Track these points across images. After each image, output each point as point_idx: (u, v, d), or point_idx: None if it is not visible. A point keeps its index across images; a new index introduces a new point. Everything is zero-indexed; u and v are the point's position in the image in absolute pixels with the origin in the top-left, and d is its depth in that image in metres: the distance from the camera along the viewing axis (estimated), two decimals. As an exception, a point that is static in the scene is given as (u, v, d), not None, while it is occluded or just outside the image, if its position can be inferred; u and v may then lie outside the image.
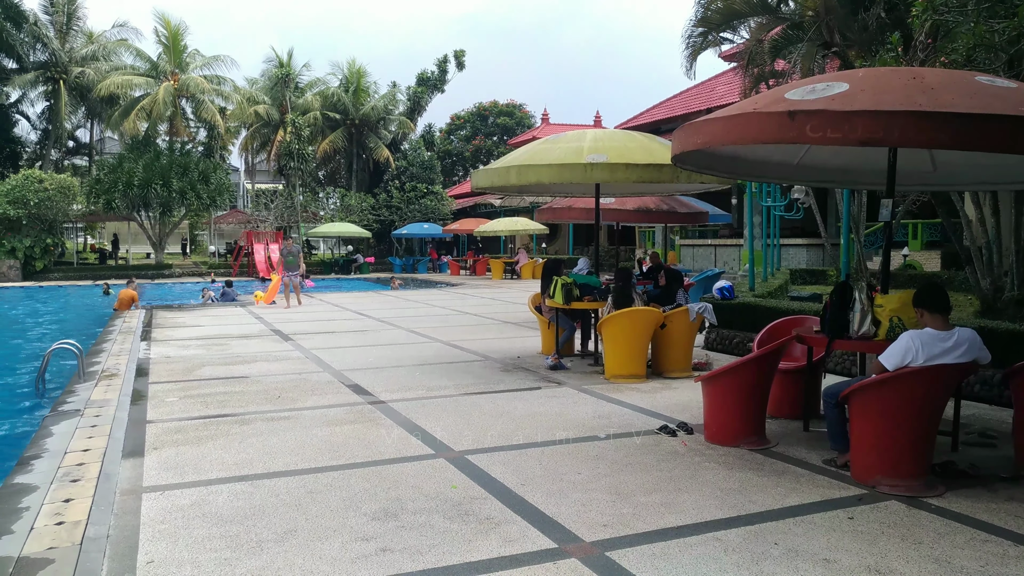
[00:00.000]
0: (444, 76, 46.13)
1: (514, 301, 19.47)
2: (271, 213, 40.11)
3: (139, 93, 40.56)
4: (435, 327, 13.95)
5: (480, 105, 57.69)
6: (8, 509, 4.32)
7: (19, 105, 45.31)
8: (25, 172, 34.19)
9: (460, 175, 57.80)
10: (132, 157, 35.48)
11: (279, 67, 44.37)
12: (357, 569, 3.74)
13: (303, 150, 39.14)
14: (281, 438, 6.11)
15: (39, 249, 33.27)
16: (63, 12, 42.66)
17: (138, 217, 36.33)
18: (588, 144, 8.16)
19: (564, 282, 8.93)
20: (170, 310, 17.87)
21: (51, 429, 6.28)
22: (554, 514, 4.45)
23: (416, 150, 44.24)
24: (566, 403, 7.37)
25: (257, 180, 53.88)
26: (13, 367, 11.97)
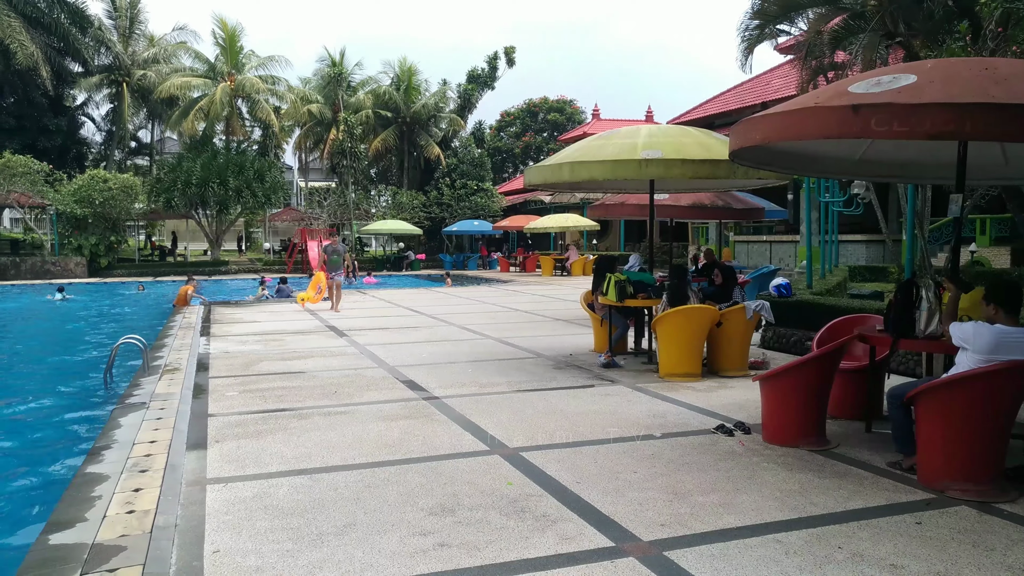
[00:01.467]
0: (494, 73, 46.23)
1: (565, 298, 19.42)
2: (324, 211, 40.72)
3: (197, 94, 41.57)
4: (486, 324, 14.01)
5: (530, 101, 57.63)
6: (82, 497, 4.48)
7: (85, 107, 46.99)
8: (90, 172, 35.33)
9: (510, 172, 57.86)
10: (190, 156, 36.38)
11: (332, 66, 45.00)
12: (416, 563, 3.77)
13: (355, 148, 39.65)
14: (338, 433, 6.20)
15: (103, 247, 34.35)
16: (126, 16, 44.03)
17: (196, 215, 37.23)
18: (642, 140, 8.07)
19: (618, 279, 8.86)
20: (227, 306, 18.29)
21: (119, 421, 6.48)
22: (611, 512, 4.43)
23: (466, 147, 44.44)
24: (620, 401, 7.32)
25: (310, 178, 54.80)
26: (83, 360, 12.39)
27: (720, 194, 12.17)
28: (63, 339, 15.64)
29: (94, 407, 8.55)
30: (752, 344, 9.17)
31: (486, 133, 55.89)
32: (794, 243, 22.11)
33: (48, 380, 10.74)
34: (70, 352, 13.49)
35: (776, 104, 5.67)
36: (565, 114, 56.14)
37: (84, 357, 12.66)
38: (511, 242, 43.66)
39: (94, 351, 12.98)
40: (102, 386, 9.27)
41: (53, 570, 3.51)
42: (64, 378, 10.85)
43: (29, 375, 11.29)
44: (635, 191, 10.92)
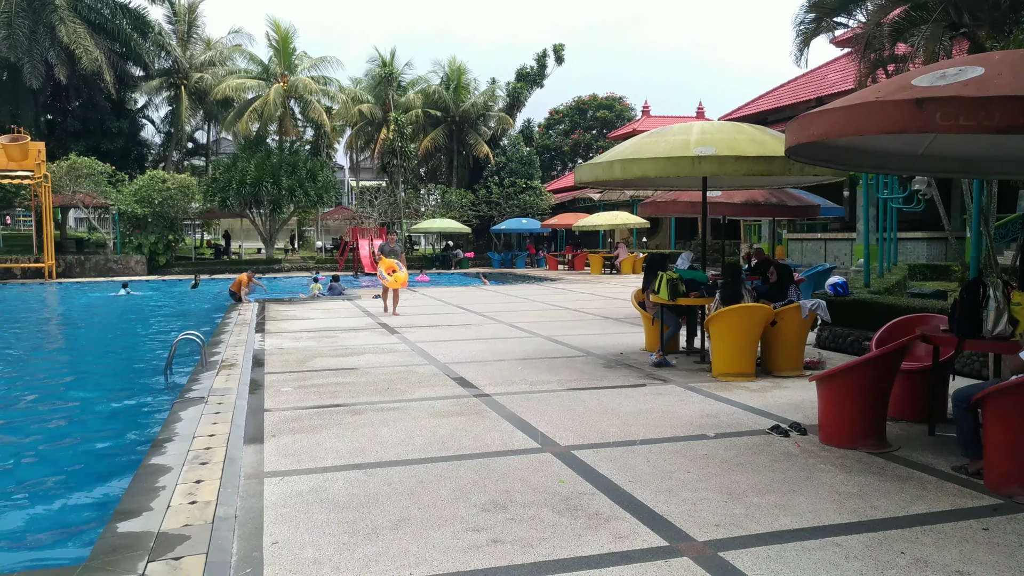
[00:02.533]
0: (543, 71, 46.17)
1: (614, 296, 19.32)
2: (375, 210, 41.21)
3: (251, 95, 42.44)
4: (535, 322, 14.01)
5: (579, 99, 57.46)
6: (147, 487, 4.62)
7: (145, 110, 48.43)
8: (150, 173, 36.36)
9: (559, 170, 57.77)
10: (245, 157, 37.15)
11: (382, 67, 45.47)
12: (470, 559, 3.80)
13: (405, 147, 40.03)
14: (391, 428, 6.28)
15: (162, 245, 35.34)
16: (184, 21, 45.23)
17: (250, 214, 38.01)
18: (695, 137, 7.98)
19: (670, 277, 8.78)
20: (281, 303, 18.64)
21: (180, 414, 6.67)
22: (664, 512, 4.40)
23: (515, 145, 44.51)
24: (672, 401, 7.26)
25: (361, 177, 55.46)
26: (145, 354, 12.77)
27: (774, 191, 11.96)
28: (127, 333, 16.13)
29: (156, 400, 8.80)
30: (807, 344, 9.00)
31: (535, 131, 55.89)
32: (850, 241, 21.60)
33: (114, 372, 11.09)
34: (133, 346, 13.91)
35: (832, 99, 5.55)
36: (614, 111, 55.85)
37: (146, 350, 13.04)
38: (559, 240, 43.60)
39: (155, 344, 13.36)
40: (163, 379, 9.53)
41: (122, 556, 3.63)
42: (128, 370, 11.20)
43: (97, 367, 11.67)
44: (687, 188, 10.80)
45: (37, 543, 4.97)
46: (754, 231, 28.45)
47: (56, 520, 5.38)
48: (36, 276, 31.96)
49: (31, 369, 11.85)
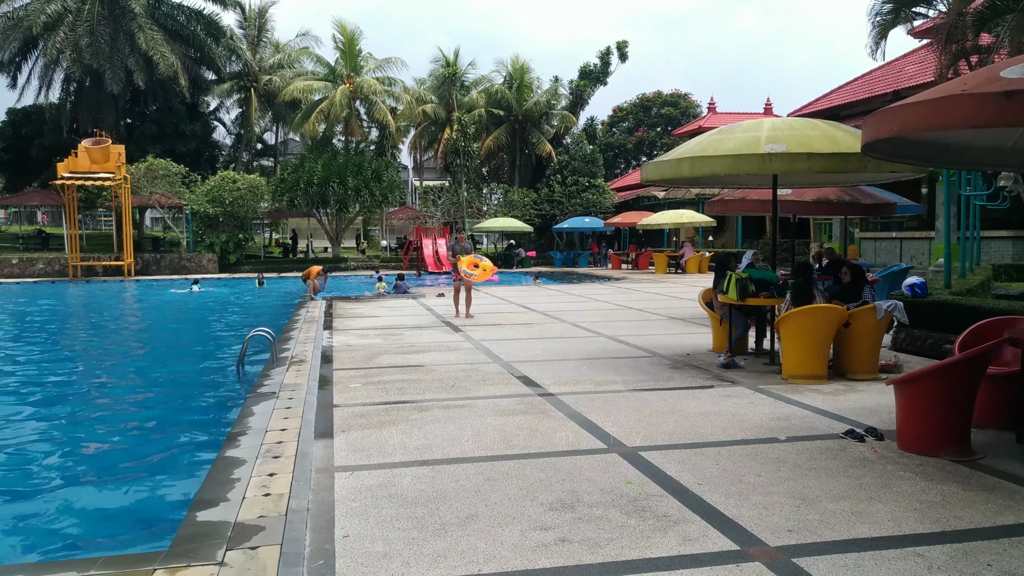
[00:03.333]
0: (606, 68, 45.89)
1: (680, 296, 19.07)
2: (438, 209, 41.61)
3: (318, 97, 43.31)
4: (599, 322, 13.93)
5: (643, 96, 56.94)
6: (223, 479, 4.76)
7: (217, 112, 50.03)
8: (221, 174, 37.47)
9: (622, 168, 57.35)
10: (312, 157, 37.94)
11: (446, 67, 45.87)
12: (538, 557, 3.79)
13: (468, 147, 40.29)
14: (457, 426, 6.32)
15: (233, 244, 36.38)
16: (254, 26, 46.52)
17: (317, 213, 38.80)
18: (766, 133, 7.79)
19: (739, 277, 8.61)
20: (348, 301, 18.96)
21: (252, 409, 6.84)
22: (734, 515, 4.32)
23: (578, 144, 44.35)
24: (741, 403, 7.12)
25: (424, 177, 56.08)
26: (218, 349, 13.17)
27: (847, 189, 11.60)
28: (201, 328, 16.66)
29: (229, 395, 9.06)
30: (883, 346, 8.71)
31: (598, 129, 55.61)
32: (928, 240, 20.83)
33: (189, 367, 11.46)
34: (207, 341, 14.36)
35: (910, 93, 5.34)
36: (679, 108, 55.16)
37: (218, 346, 13.45)
38: (623, 239, 43.25)
39: (227, 340, 13.77)
40: (236, 374, 9.81)
41: (202, 544, 3.74)
42: (203, 365, 11.55)
43: (174, 361, 12.08)
44: (756, 186, 10.56)
45: (120, 529, 5.17)
46: (824, 230, 27.72)
47: (137, 508, 5.58)
48: (116, 274, 33.29)
49: (113, 363, 12.34)
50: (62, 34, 37.57)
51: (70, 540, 4.99)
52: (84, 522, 5.29)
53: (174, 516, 4.73)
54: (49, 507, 5.56)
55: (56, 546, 4.86)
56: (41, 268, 33.35)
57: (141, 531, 5.10)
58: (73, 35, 37.68)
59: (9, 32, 38.62)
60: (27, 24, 38.03)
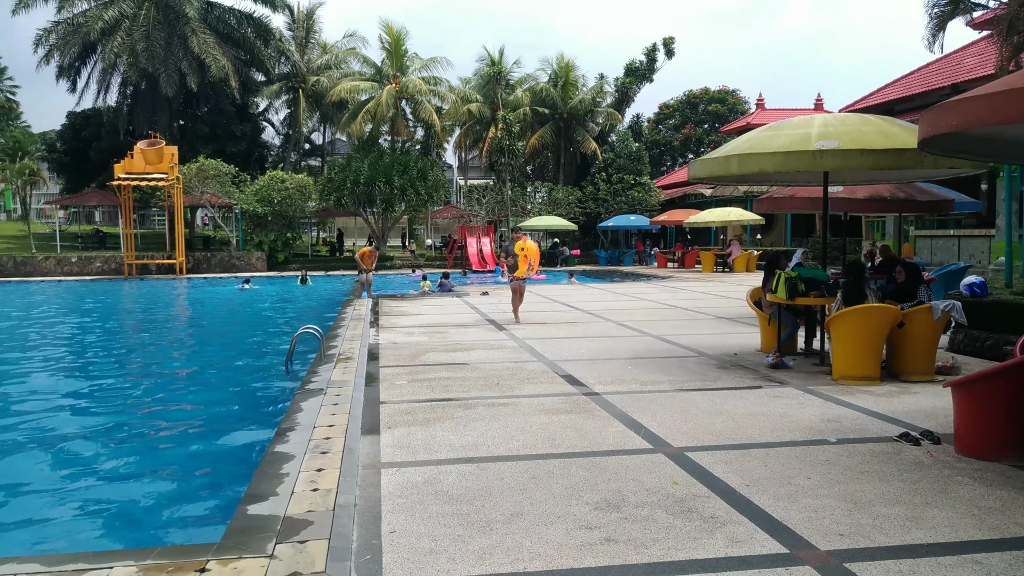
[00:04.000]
0: (652, 65, 45.50)
1: (727, 295, 18.82)
2: (482, 208, 41.73)
3: (365, 97, 43.75)
4: (645, 320, 13.82)
5: (690, 93, 56.31)
6: (272, 473, 4.84)
7: (266, 113, 50.91)
8: (270, 174, 38.14)
9: (668, 165, 56.82)
10: (358, 157, 38.34)
11: (491, 66, 45.95)
12: (583, 556, 3.78)
13: (513, 146, 40.30)
14: (502, 424, 6.33)
15: (281, 242, 37.01)
16: (303, 27, 47.22)
17: (363, 213, 39.22)
18: (817, 130, 7.64)
19: (788, 276, 8.46)
20: (393, 299, 19.15)
21: (300, 405, 6.94)
22: (783, 518, 4.24)
23: (623, 141, 44.05)
24: (790, 404, 6.99)
25: (469, 176, 56.33)
26: (266, 344, 13.41)
27: (902, 185, 11.31)
28: (251, 325, 16.99)
29: (278, 391, 9.22)
30: (939, 347, 8.47)
31: (644, 126, 55.16)
32: (988, 238, 20.17)
33: (239, 362, 11.69)
34: (255, 337, 14.64)
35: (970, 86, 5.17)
36: (727, 105, 54.43)
37: (266, 342, 13.69)
38: (669, 237, 42.84)
39: (275, 336, 14.01)
40: (284, 370, 9.97)
41: (252, 537, 3.81)
42: (252, 361, 11.77)
43: (225, 357, 12.34)
44: (806, 183, 10.37)
45: (173, 520, 5.30)
46: (877, 228, 27.06)
47: (189, 500, 5.71)
48: (168, 272, 34.15)
49: (167, 359, 12.66)
50: (119, 39, 38.64)
51: (127, 530, 5.14)
52: (140, 513, 5.44)
53: (224, 509, 4.84)
54: (107, 498, 5.73)
55: (114, 536, 5.01)
56: (98, 266, 34.37)
57: (193, 523, 5.22)
58: (130, 40, 38.73)
59: (69, 38, 39.87)
60: (86, 30, 39.21)
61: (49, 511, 5.50)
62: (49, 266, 33.76)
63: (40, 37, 40.61)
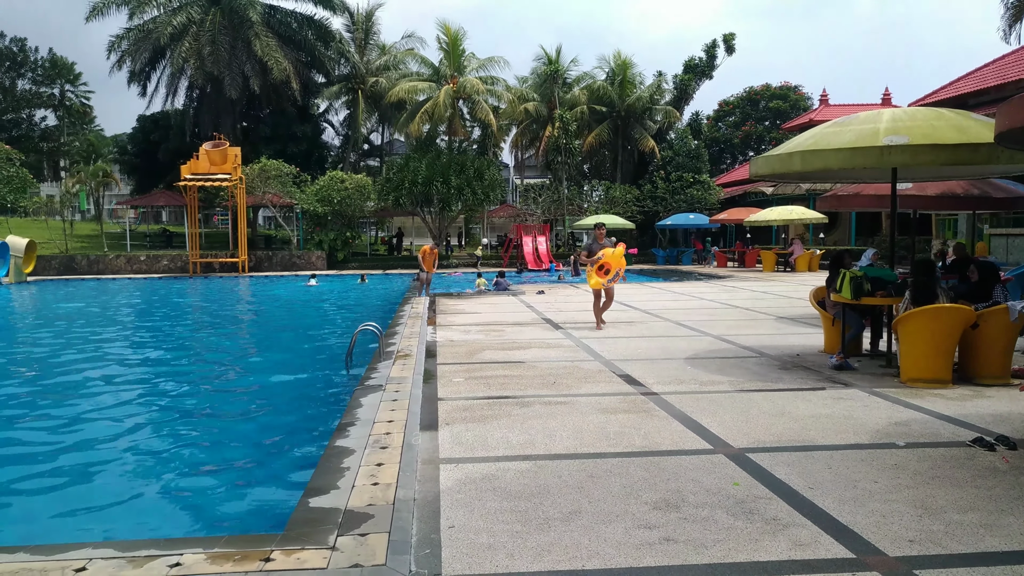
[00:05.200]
0: (712, 62, 44.84)
1: (788, 295, 18.43)
2: (538, 207, 41.72)
3: (422, 98, 44.17)
4: (704, 320, 13.63)
5: (751, 89, 55.33)
6: (334, 467, 4.92)
7: (326, 114, 51.91)
8: (330, 174, 38.82)
9: (728, 163, 55.94)
10: (416, 157, 38.74)
11: (548, 64, 45.91)
12: (642, 555, 3.75)
13: (570, 144, 40.19)
14: (559, 422, 6.32)
15: (340, 241, 37.64)
16: (362, 29, 47.95)
17: (421, 212, 39.61)
18: (885, 125, 7.41)
19: (854, 275, 8.23)
20: (450, 298, 19.28)
21: (360, 401, 7.03)
22: (849, 522, 4.14)
23: (682, 139, 43.52)
24: (855, 406, 6.81)
25: (525, 175, 56.41)
26: (326, 343, 13.66)
27: (976, 182, 10.90)
28: (312, 322, 17.32)
29: (338, 386, 9.38)
30: (1016, 350, 8.14)
31: (703, 124, 54.41)
32: (1066, 236, 19.33)
33: (301, 358, 11.94)
34: (317, 334, 14.92)
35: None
36: (789, 101, 53.30)
37: (327, 338, 13.95)
38: (728, 236, 42.13)
39: (335, 333, 14.27)
40: (344, 366, 10.13)
41: (314, 529, 3.88)
42: (313, 357, 12.01)
43: (288, 353, 12.62)
44: (872, 180, 10.07)
45: (235, 511, 5.44)
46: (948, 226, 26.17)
47: (250, 491, 5.85)
48: (231, 270, 35.07)
49: (232, 352, 13.00)
50: (187, 44, 39.88)
51: (191, 518, 5.29)
52: (204, 502, 5.60)
53: (287, 500, 4.94)
54: (173, 486, 5.92)
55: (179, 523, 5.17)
56: (165, 264, 35.50)
57: (256, 513, 5.35)
58: (197, 44, 39.93)
59: (140, 43, 41.32)
60: (156, 35, 40.57)
61: (119, 498, 5.70)
62: (120, 264, 35.00)
63: (113, 43, 42.25)
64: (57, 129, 67.51)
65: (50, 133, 66.82)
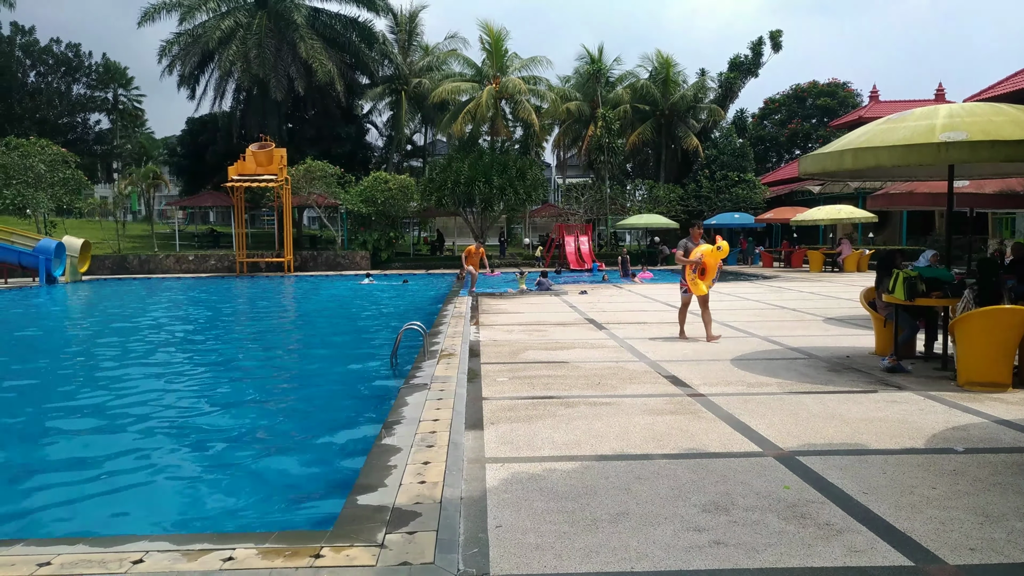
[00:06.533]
0: (758, 59, 44.18)
1: (837, 296, 18.06)
2: (581, 206, 41.57)
3: (465, 98, 44.29)
4: (750, 321, 13.43)
5: (797, 87, 54.38)
6: (381, 465, 4.95)
7: (370, 115, 52.39)
8: (374, 174, 39.15)
9: (774, 162, 55.09)
10: (459, 157, 38.86)
11: (590, 63, 45.71)
12: (691, 558, 3.70)
13: (613, 143, 39.97)
14: (605, 423, 6.27)
15: (384, 241, 37.97)
16: (405, 30, 48.32)
17: (463, 212, 39.75)
18: (942, 121, 7.21)
19: (907, 275, 8.02)
20: (492, 297, 19.31)
21: (406, 400, 7.08)
22: (906, 529, 4.03)
23: (727, 137, 42.96)
24: (910, 410, 6.63)
25: (567, 174, 56.24)
26: (373, 341, 13.79)
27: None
28: (356, 320, 17.50)
29: (383, 384, 9.45)
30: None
31: (748, 122, 53.66)
32: None
33: (349, 356, 12.06)
34: (362, 332, 15.08)
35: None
36: (837, 98, 52.26)
37: (373, 336, 14.07)
38: (774, 235, 41.46)
39: (379, 330, 14.40)
40: (389, 365, 10.21)
41: (363, 526, 3.91)
42: (360, 355, 12.12)
43: (336, 351, 12.76)
44: (927, 178, 9.82)
45: (287, 505, 5.50)
46: (1006, 225, 25.39)
47: (297, 487, 5.91)
48: (277, 270, 35.60)
49: (281, 349, 13.20)
50: (234, 47, 40.64)
51: (238, 512, 5.37)
52: (251, 497, 5.67)
53: (335, 497, 4.99)
54: (222, 482, 6.02)
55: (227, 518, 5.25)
56: (213, 264, 36.20)
57: (304, 509, 5.41)
58: (243, 48, 40.67)
59: (190, 48, 42.26)
60: (204, 40, 41.44)
61: (171, 491, 5.82)
62: (169, 264, 35.80)
63: (164, 48, 43.30)
64: (110, 132, 69.36)
65: (103, 136, 68.67)
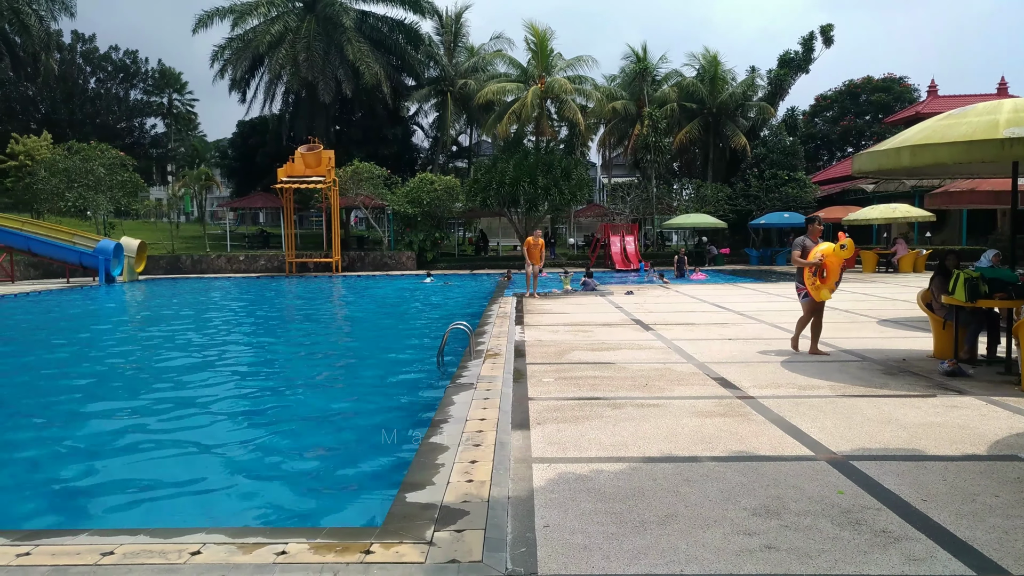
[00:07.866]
0: (809, 55, 43.30)
1: (891, 297, 17.63)
2: (626, 206, 41.28)
3: (510, 99, 44.29)
4: (800, 322, 13.15)
5: (850, 82, 53.22)
6: (428, 463, 4.99)
7: (416, 117, 52.81)
8: (420, 175, 39.45)
9: (825, 160, 54.00)
10: (504, 158, 38.88)
11: (636, 62, 45.37)
12: (743, 562, 3.64)
13: (659, 142, 39.60)
14: (652, 424, 6.21)
15: (429, 242, 38.21)
16: (450, 32, 48.57)
17: (508, 212, 39.78)
18: (1006, 116, 6.97)
19: (968, 276, 7.78)
20: (536, 298, 19.29)
21: (452, 398, 7.12)
22: (967, 538, 3.91)
23: (776, 135, 42.20)
24: (971, 415, 6.43)
25: (613, 174, 55.91)
26: (421, 340, 13.88)
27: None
28: (402, 320, 17.65)
29: (430, 384, 9.50)
30: None
31: (799, 119, 52.67)
32: None
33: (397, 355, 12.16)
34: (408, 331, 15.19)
35: None
36: (892, 94, 50.97)
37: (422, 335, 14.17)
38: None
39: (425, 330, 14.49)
40: (436, 364, 10.27)
41: (412, 524, 3.94)
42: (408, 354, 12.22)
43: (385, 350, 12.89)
44: (990, 176, 9.50)
45: (336, 502, 5.56)
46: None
47: (346, 484, 5.97)
48: (325, 270, 36.09)
49: (331, 348, 13.37)
50: (284, 51, 41.37)
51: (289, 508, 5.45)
52: (302, 493, 5.75)
53: (382, 494, 5.03)
54: (279, 480, 6.11)
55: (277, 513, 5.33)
56: (262, 264, 36.87)
57: (352, 506, 5.46)
58: (292, 51, 41.37)
59: (241, 52, 43.13)
60: (255, 44, 42.26)
61: (223, 485, 5.93)
62: (221, 264, 36.56)
63: (216, 53, 44.28)
64: (165, 136, 71.23)
65: (159, 140, 70.57)
